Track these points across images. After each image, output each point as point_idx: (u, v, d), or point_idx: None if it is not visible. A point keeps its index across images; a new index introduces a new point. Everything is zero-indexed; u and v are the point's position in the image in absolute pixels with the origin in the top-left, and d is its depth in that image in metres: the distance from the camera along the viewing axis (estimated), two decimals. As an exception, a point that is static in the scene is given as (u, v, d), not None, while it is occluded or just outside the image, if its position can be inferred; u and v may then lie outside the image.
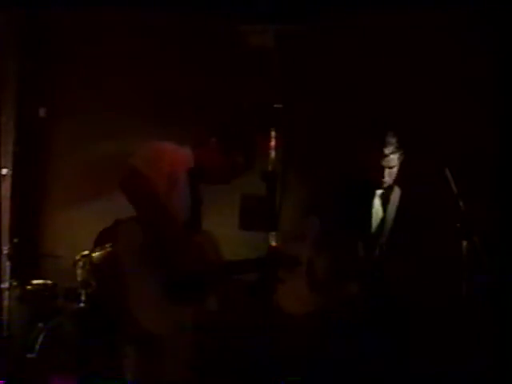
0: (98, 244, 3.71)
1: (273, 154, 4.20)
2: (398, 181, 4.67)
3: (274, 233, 4.35)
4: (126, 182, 3.65)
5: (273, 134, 4.20)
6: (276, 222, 4.17)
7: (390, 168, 4.61)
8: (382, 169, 4.59)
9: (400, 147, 4.59)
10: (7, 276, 5.45)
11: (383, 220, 4.63)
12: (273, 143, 4.22)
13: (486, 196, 5.19)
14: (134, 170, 3.63)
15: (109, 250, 3.60)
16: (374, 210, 4.68)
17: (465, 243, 4.04)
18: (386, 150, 4.59)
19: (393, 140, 4.59)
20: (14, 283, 5.47)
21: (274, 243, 4.26)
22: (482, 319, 4.57)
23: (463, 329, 4.42)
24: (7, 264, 5.46)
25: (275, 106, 4.22)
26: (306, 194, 5.24)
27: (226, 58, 5.95)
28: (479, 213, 4.19)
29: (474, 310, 4.23)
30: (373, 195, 4.68)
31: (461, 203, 4.13)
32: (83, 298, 5.35)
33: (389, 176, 4.62)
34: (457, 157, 4.56)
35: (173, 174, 3.77)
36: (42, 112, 6.11)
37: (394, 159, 4.60)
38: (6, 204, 5.87)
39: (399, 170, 4.63)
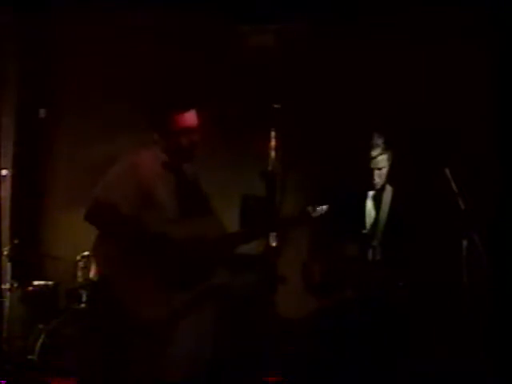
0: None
1: (272, 153, 4.19)
2: (389, 180, 4.66)
3: (273, 233, 4.35)
4: (90, 215, 3.86)
5: (272, 133, 4.20)
6: (276, 222, 4.17)
7: (379, 169, 4.60)
8: (371, 170, 4.58)
9: (388, 148, 4.58)
10: (8, 277, 5.44)
11: (376, 221, 4.61)
12: (272, 143, 4.22)
13: (487, 195, 5.19)
14: (95, 201, 3.83)
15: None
16: (367, 212, 4.66)
17: (465, 242, 4.04)
18: (373, 152, 4.58)
19: (379, 141, 4.58)
20: (15, 284, 5.46)
21: (274, 243, 4.26)
22: (482, 318, 4.56)
23: (463, 328, 4.41)
24: (8, 265, 5.45)
25: (275, 105, 4.21)
26: (305, 195, 5.24)
27: (226, 57, 5.94)
28: (479, 212, 4.18)
29: (474, 309, 4.23)
30: (365, 197, 4.66)
31: (460, 202, 4.12)
32: (84, 298, 5.34)
33: (379, 177, 4.61)
34: (456, 156, 4.54)
35: (144, 178, 3.88)
36: (42, 113, 6.10)
37: (382, 160, 4.59)
38: (7, 205, 5.86)
39: (390, 170, 4.62)
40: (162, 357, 3.82)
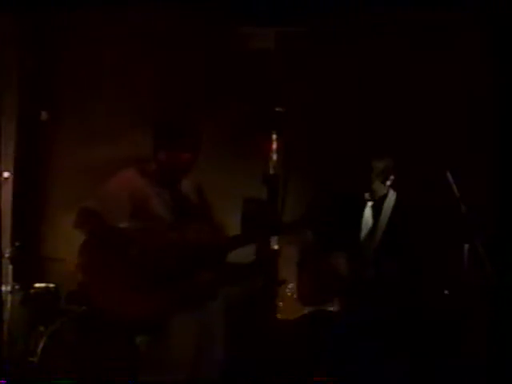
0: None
1: (274, 157, 4.21)
2: (392, 186, 4.65)
3: (275, 236, 4.37)
4: (78, 223, 4.03)
5: (274, 137, 4.21)
6: (278, 226, 4.18)
7: (373, 190, 4.59)
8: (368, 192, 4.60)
9: (389, 175, 4.56)
10: (9, 279, 5.44)
11: (373, 230, 4.59)
12: (274, 146, 4.24)
13: (488, 199, 5.21)
14: (84, 210, 3.98)
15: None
16: (363, 221, 4.64)
17: (466, 247, 4.05)
18: (374, 180, 4.57)
19: (381, 166, 4.56)
20: (16, 286, 5.46)
21: (275, 247, 4.28)
22: (482, 322, 4.58)
23: (464, 333, 4.43)
24: (9, 267, 5.45)
25: (276, 109, 4.23)
26: (306, 199, 5.26)
27: (227, 60, 5.94)
28: (481, 216, 4.19)
29: (475, 313, 4.24)
30: (363, 205, 4.64)
31: (462, 206, 4.13)
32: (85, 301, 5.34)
33: (370, 195, 4.60)
34: (457, 161, 4.55)
35: (136, 192, 3.95)
36: (43, 115, 6.10)
37: (377, 185, 4.58)
38: (8, 207, 5.85)
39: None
40: (158, 357, 3.85)
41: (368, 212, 4.63)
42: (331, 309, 4.52)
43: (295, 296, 4.70)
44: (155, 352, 3.88)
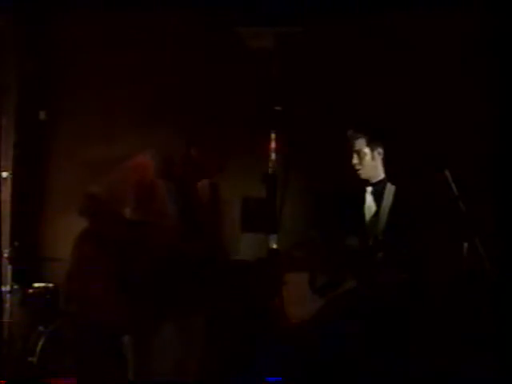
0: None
1: (273, 156, 4.21)
2: (390, 177, 4.66)
3: (274, 235, 4.37)
4: (84, 209, 3.96)
5: (273, 136, 4.21)
6: (276, 225, 4.18)
7: (358, 152, 4.60)
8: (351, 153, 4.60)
9: (367, 135, 4.58)
10: (8, 279, 5.45)
11: (376, 215, 4.59)
12: (273, 145, 4.23)
13: (486, 197, 5.21)
14: (91, 196, 3.91)
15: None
16: (366, 207, 4.65)
17: (465, 244, 4.04)
18: (350, 133, 4.59)
19: (364, 132, 4.59)
20: (15, 286, 5.47)
21: (274, 245, 4.28)
22: (482, 319, 4.57)
23: (463, 329, 4.42)
24: (8, 267, 5.46)
25: (275, 108, 4.23)
26: (305, 198, 5.25)
27: (226, 60, 5.94)
28: (479, 214, 4.19)
29: (473, 308, 4.24)
30: (363, 192, 4.66)
31: (461, 204, 4.13)
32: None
33: (358, 160, 4.60)
34: (456, 158, 4.56)
35: (145, 184, 3.86)
36: (42, 115, 6.10)
37: (359, 143, 4.59)
38: (7, 207, 5.87)
39: (387, 166, 4.62)
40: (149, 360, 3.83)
41: (369, 198, 4.64)
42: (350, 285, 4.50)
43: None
44: (141, 353, 3.86)
